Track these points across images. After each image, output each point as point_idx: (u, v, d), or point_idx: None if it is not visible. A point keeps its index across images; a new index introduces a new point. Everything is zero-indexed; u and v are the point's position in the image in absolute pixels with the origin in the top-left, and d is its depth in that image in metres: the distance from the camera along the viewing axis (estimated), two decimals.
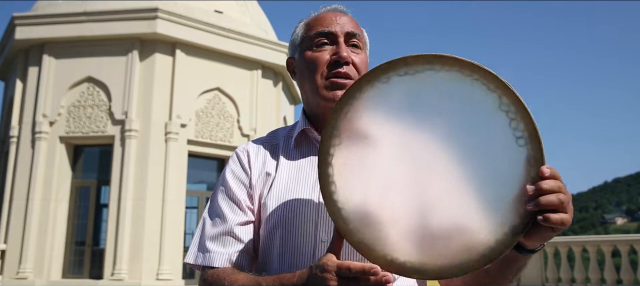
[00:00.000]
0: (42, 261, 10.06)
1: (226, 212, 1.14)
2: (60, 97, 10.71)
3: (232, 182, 1.17)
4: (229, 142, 11.44)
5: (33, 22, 10.92)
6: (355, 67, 1.14)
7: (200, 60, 11.32)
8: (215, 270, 1.09)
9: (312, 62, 1.15)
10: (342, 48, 1.13)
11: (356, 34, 1.17)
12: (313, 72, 1.15)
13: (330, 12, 1.19)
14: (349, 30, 1.16)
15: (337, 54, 1.13)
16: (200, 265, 1.12)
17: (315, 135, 1.18)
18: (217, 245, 1.11)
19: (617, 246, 8.41)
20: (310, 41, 1.17)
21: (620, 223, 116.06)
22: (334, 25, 1.16)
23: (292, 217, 1.09)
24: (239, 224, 1.13)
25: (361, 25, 1.24)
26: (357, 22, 1.22)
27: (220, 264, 1.09)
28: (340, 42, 1.15)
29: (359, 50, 1.17)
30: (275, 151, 1.21)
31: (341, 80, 1.12)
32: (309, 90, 1.18)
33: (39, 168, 10.38)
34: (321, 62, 1.14)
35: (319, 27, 1.17)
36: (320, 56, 1.15)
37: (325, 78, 1.14)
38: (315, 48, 1.16)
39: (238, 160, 1.21)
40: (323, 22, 1.17)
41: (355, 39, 1.17)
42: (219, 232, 1.12)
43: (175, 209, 10.51)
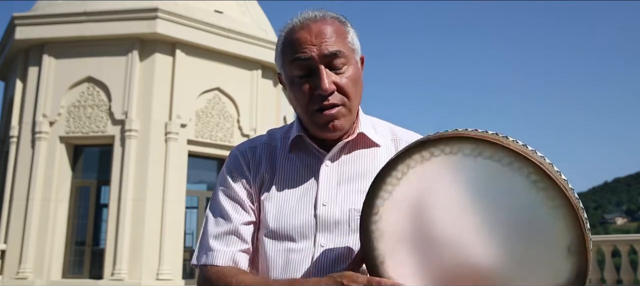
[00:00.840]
0: (42, 261, 10.06)
1: (230, 212, 1.13)
2: (60, 97, 10.72)
3: (233, 182, 1.16)
4: (229, 142, 11.44)
5: (33, 22, 10.92)
6: (341, 90, 1.08)
7: (200, 60, 11.32)
8: (218, 267, 1.08)
9: (296, 99, 1.11)
10: (322, 80, 1.05)
11: (337, 53, 1.06)
12: (301, 107, 1.11)
13: (305, 28, 1.08)
14: (326, 53, 1.06)
15: (318, 87, 1.06)
16: (203, 264, 1.10)
17: (310, 142, 1.16)
18: (221, 244, 1.10)
19: (617, 246, 8.41)
20: (290, 72, 1.10)
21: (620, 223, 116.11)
22: (309, 49, 1.06)
23: (290, 220, 1.09)
24: (243, 224, 1.12)
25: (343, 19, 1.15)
26: (339, 25, 1.11)
27: (224, 262, 1.08)
28: (321, 72, 1.06)
29: (344, 68, 1.08)
30: (273, 153, 1.20)
31: (329, 112, 1.07)
32: (301, 114, 1.14)
33: (39, 168, 10.39)
34: (304, 96, 1.08)
35: (296, 52, 1.08)
36: (301, 94, 1.09)
37: (312, 114, 1.09)
38: (296, 84, 1.09)
39: (237, 161, 1.20)
40: (299, 47, 1.07)
41: (337, 60, 1.07)
42: (223, 231, 1.11)
43: (175, 209, 10.51)
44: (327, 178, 1.12)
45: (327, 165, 1.13)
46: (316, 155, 1.15)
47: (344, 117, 1.09)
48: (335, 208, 1.08)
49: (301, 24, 1.10)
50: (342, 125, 1.09)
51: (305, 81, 1.08)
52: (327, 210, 1.08)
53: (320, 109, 1.07)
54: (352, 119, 1.12)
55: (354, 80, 1.10)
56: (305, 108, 1.09)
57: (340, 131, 1.10)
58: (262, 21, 13.44)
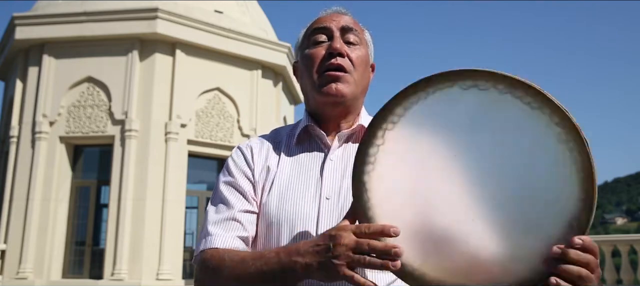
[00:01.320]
0: (42, 261, 10.06)
1: (231, 200, 1.13)
2: (60, 97, 10.71)
3: (236, 174, 1.17)
4: (229, 142, 11.44)
5: (33, 22, 10.92)
6: (350, 60, 1.15)
7: (200, 60, 11.32)
8: (215, 249, 1.06)
9: (309, 58, 1.17)
10: (335, 41, 1.15)
11: (353, 30, 1.18)
12: (310, 68, 1.16)
13: (330, 13, 1.22)
14: (344, 25, 1.17)
15: (330, 47, 1.14)
16: (202, 250, 1.09)
17: (318, 132, 1.18)
18: (220, 229, 1.09)
19: (617, 246, 8.41)
20: (308, 40, 1.20)
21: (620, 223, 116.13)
22: (329, 21, 1.18)
23: (292, 213, 1.09)
24: (243, 211, 1.12)
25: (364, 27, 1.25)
26: (358, 23, 1.22)
27: (221, 245, 1.07)
28: (335, 36, 1.16)
29: (356, 47, 1.17)
30: (278, 147, 1.21)
31: (334, 72, 1.13)
32: (308, 86, 1.19)
33: (39, 168, 10.39)
34: (317, 57, 1.16)
35: (315, 24, 1.20)
36: (316, 52, 1.16)
37: (319, 73, 1.15)
38: (313, 45, 1.18)
39: (242, 154, 1.21)
40: (320, 21, 1.20)
41: (352, 35, 1.17)
42: (223, 218, 1.11)
43: (175, 209, 10.51)
44: (331, 172, 1.13)
45: (331, 159, 1.14)
46: (321, 148, 1.17)
47: (347, 83, 1.14)
48: (338, 201, 1.09)
49: (326, 13, 1.22)
50: (343, 90, 1.13)
51: (321, 46, 1.17)
52: (331, 203, 1.09)
53: (329, 68, 1.13)
54: (354, 93, 1.16)
55: (363, 60, 1.18)
56: (315, 69, 1.16)
57: (341, 96, 1.13)
58: (262, 21, 13.44)
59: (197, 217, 11.63)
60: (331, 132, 1.19)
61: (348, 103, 1.16)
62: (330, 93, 1.13)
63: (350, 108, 1.18)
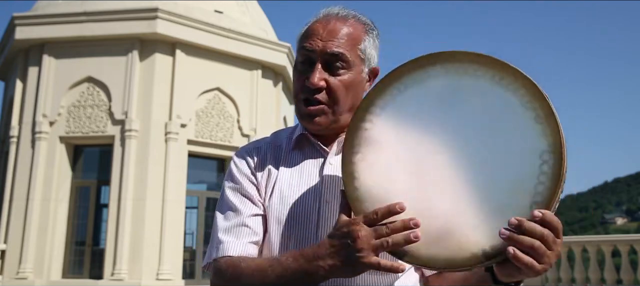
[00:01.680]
0: (42, 261, 10.06)
1: (238, 205, 1.14)
2: (60, 97, 10.71)
3: (240, 179, 1.17)
4: (229, 142, 11.44)
5: (33, 22, 10.92)
6: (330, 91, 1.10)
7: (200, 60, 11.32)
8: (229, 257, 1.08)
9: (294, 85, 1.17)
10: (313, 74, 1.09)
11: (338, 55, 1.09)
12: (294, 94, 1.17)
13: (323, 21, 1.13)
14: (328, 51, 1.09)
15: (307, 80, 1.10)
16: (214, 258, 1.10)
17: (314, 140, 1.18)
18: (231, 236, 1.10)
19: (617, 246, 8.40)
20: (298, 53, 1.16)
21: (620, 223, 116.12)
22: (315, 42, 1.10)
23: (293, 216, 1.10)
24: (252, 215, 1.13)
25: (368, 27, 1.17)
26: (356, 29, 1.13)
27: (235, 252, 1.08)
28: (315, 67, 1.09)
29: (341, 71, 1.10)
30: (278, 152, 1.21)
31: (310, 107, 1.11)
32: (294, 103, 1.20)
33: (39, 168, 10.39)
34: (298, 84, 1.14)
35: (304, 39, 1.13)
36: (297, 80, 1.15)
37: (298, 101, 1.14)
38: (296, 70, 1.16)
39: (243, 159, 1.21)
40: (309, 37, 1.12)
41: (336, 61, 1.09)
42: (232, 224, 1.12)
43: (175, 209, 10.51)
44: (330, 176, 1.13)
45: (330, 163, 1.14)
46: (320, 152, 1.17)
47: (324, 115, 1.12)
48: (337, 205, 1.08)
49: (322, 17, 1.15)
50: (320, 122, 1.12)
51: (303, 70, 1.13)
52: (330, 207, 1.09)
53: (306, 101, 1.12)
54: (335, 120, 1.13)
55: (347, 85, 1.12)
56: (295, 96, 1.15)
57: (319, 126, 1.13)
58: (262, 21, 13.44)
59: (197, 217, 11.62)
60: (330, 138, 1.18)
61: (328, 129, 1.15)
62: (308, 125, 1.14)
63: (336, 128, 1.16)
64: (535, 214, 0.81)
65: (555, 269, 9.00)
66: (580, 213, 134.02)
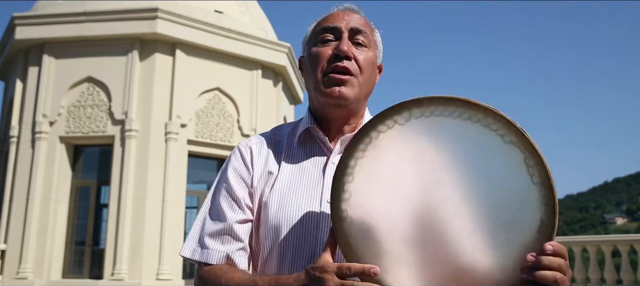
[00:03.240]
0: (42, 261, 10.06)
1: (226, 210, 1.14)
2: (60, 97, 10.71)
3: (233, 179, 1.17)
4: (229, 142, 11.44)
5: (33, 22, 10.92)
6: (357, 62, 1.12)
7: (200, 60, 11.32)
8: (211, 266, 1.10)
9: (315, 56, 1.15)
10: (343, 42, 1.12)
11: (362, 31, 1.15)
12: (315, 67, 1.14)
13: (341, 11, 1.19)
14: (353, 26, 1.14)
15: (337, 48, 1.12)
16: (197, 261, 1.13)
17: (320, 135, 1.17)
18: (216, 243, 1.12)
19: (617, 246, 8.40)
20: (316, 37, 1.17)
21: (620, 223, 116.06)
22: (339, 21, 1.15)
23: (293, 217, 1.09)
24: (238, 222, 1.13)
25: (376, 27, 1.22)
26: (369, 22, 1.20)
27: (217, 261, 1.10)
28: (343, 37, 1.13)
29: (364, 49, 1.15)
30: (278, 149, 1.20)
31: (339, 75, 1.11)
32: (311, 85, 1.17)
33: (39, 168, 10.39)
34: (323, 57, 1.13)
35: (325, 23, 1.17)
36: (322, 51, 1.14)
37: (324, 73, 1.13)
38: (320, 44, 1.16)
39: (241, 157, 1.20)
40: (330, 19, 1.17)
41: (361, 36, 1.15)
42: (218, 230, 1.13)
43: (175, 209, 10.51)
44: (332, 176, 1.12)
45: (333, 163, 1.13)
46: (323, 151, 1.16)
47: (351, 87, 1.12)
48: None
49: (338, 8, 1.20)
50: (347, 94, 1.11)
51: (328, 45, 1.14)
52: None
53: (334, 70, 1.11)
54: (358, 96, 1.14)
55: (370, 63, 1.15)
56: (320, 69, 1.13)
57: (344, 100, 1.12)
58: (262, 21, 13.44)
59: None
60: (333, 133, 1.18)
61: (351, 106, 1.14)
62: (333, 95, 1.11)
63: (353, 110, 1.17)
64: (547, 248, 0.85)
65: None
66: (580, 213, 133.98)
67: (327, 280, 0.89)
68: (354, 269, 0.89)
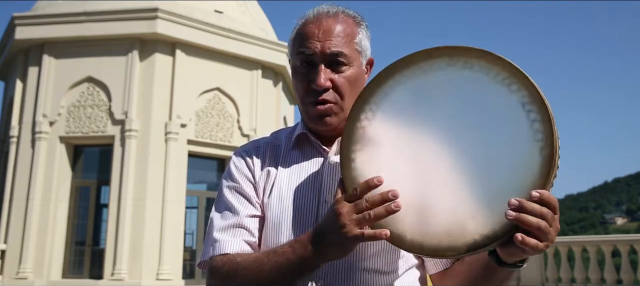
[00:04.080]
0: (42, 261, 10.06)
1: (236, 205, 1.14)
2: (60, 97, 10.71)
3: (239, 178, 1.17)
4: (229, 142, 11.44)
5: (33, 22, 10.92)
6: (337, 88, 1.11)
7: (200, 60, 11.32)
8: (226, 255, 1.08)
9: (297, 89, 1.16)
10: (318, 76, 1.09)
11: (338, 54, 1.10)
12: (299, 98, 1.16)
13: (315, 23, 1.12)
14: (328, 52, 1.09)
15: (314, 82, 1.10)
16: (211, 256, 1.11)
17: (314, 140, 1.18)
18: (227, 235, 1.11)
19: (617, 246, 8.41)
20: (295, 62, 1.15)
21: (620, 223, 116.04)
22: (313, 45, 1.10)
23: (292, 215, 1.10)
24: (249, 216, 1.13)
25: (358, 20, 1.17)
26: (349, 24, 1.14)
27: (231, 250, 1.09)
28: (319, 68, 1.09)
29: (344, 68, 1.11)
30: (277, 151, 1.22)
31: (320, 107, 1.11)
32: (299, 105, 1.19)
33: (39, 168, 10.38)
34: (302, 91, 1.14)
35: (301, 44, 1.12)
36: (300, 86, 1.14)
37: (307, 105, 1.13)
38: (298, 74, 1.14)
39: (242, 158, 1.21)
40: (305, 41, 1.11)
41: (338, 59, 1.10)
42: (229, 224, 1.12)
43: (175, 209, 10.50)
44: (330, 175, 1.13)
45: (330, 163, 1.14)
46: (320, 151, 1.17)
47: (335, 114, 1.13)
48: None
49: (314, 18, 1.14)
50: (331, 121, 1.13)
51: (306, 74, 1.12)
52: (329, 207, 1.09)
53: (314, 103, 1.12)
54: (343, 117, 1.13)
55: (352, 80, 1.13)
56: (302, 100, 1.15)
57: (330, 126, 1.13)
58: (262, 21, 13.44)
59: (197, 217, 11.62)
60: (327, 138, 1.18)
61: (340, 126, 1.13)
62: (317, 124, 1.14)
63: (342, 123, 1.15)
64: (533, 195, 0.84)
65: (555, 269, 9.00)
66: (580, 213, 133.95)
67: (341, 207, 0.92)
68: (360, 187, 0.93)
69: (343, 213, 0.91)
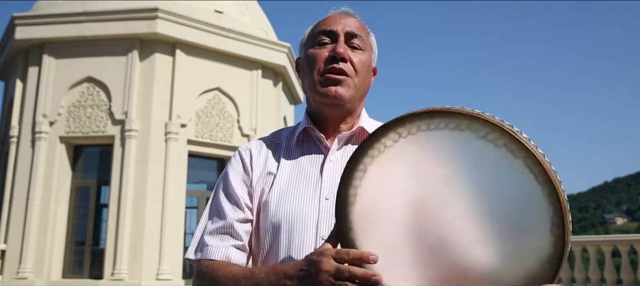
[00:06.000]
0: (42, 261, 10.06)
1: (226, 209, 1.16)
2: (60, 97, 10.72)
3: (233, 180, 1.19)
4: (229, 142, 11.44)
5: (33, 22, 10.92)
6: (353, 65, 1.15)
7: (200, 60, 11.32)
8: (211, 261, 1.11)
9: (312, 58, 1.18)
10: (339, 45, 1.15)
11: (357, 35, 1.18)
12: (312, 67, 1.17)
13: (337, 14, 1.22)
14: (349, 30, 1.17)
15: (334, 51, 1.15)
16: (198, 259, 1.14)
17: (317, 134, 1.19)
18: (215, 240, 1.13)
19: (617, 246, 8.41)
20: (313, 39, 1.21)
21: (620, 223, 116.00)
22: (336, 24, 1.18)
23: (293, 215, 1.10)
24: (238, 221, 1.14)
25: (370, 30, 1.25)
26: (364, 26, 1.23)
27: (217, 257, 1.11)
28: (340, 40, 1.16)
29: (359, 52, 1.18)
30: (278, 150, 1.22)
31: (335, 76, 1.14)
32: (308, 86, 1.20)
33: (39, 168, 10.39)
34: (319, 59, 1.16)
35: (322, 26, 1.20)
36: (319, 53, 1.17)
37: (321, 74, 1.16)
38: (317, 46, 1.19)
39: (240, 159, 1.22)
40: (327, 22, 1.20)
41: (356, 40, 1.18)
42: (218, 228, 1.14)
43: (175, 209, 10.51)
44: (330, 173, 1.14)
45: (330, 160, 1.16)
46: (320, 149, 1.18)
47: (347, 87, 1.15)
48: None
49: (335, 11, 1.23)
50: (343, 94, 1.14)
51: (325, 47, 1.18)
52: (330, 204, 1.09)
53: (330, 71, 1.14)
54: (353, 97, 1.17)
55: (365, 65, 1.19)
56: (316, 70, 1.17)
57: (339, 99, 1.14)
58: (262, 21, 13.45)
59: (197, 217, 11.63)
60: (331, 133, 1.20)
61: (346, 106, 1.17)
62: (329, 95, 1.14)
63: (349, 110, 1.20)
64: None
65: None
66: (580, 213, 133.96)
67: (323, 263, 0.87)
68: (352, 254, 0.88)
69: (323, 271, 0.87)
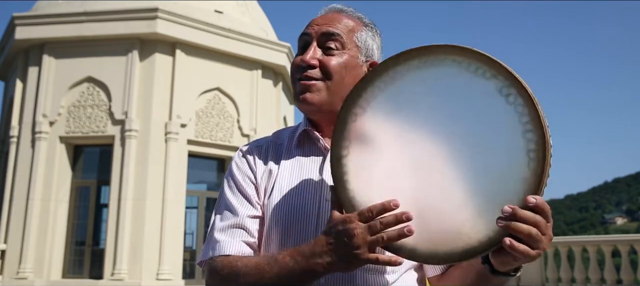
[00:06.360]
0: (42, 261, 10.06)
1: (236, 206, 1.14)
2: (60, 97, 10.71)
3: (239, 178, 1.18)
4: (229, 142, 11.44)
5: (33, 22, 10.92)
6: (324, 67, 1.12)
7: (200, 60, 11.32)
8: (226, 256, 1.08)
9: (292, 66, 1.19)
10: (306, 52, 1.14)
11: (334, 35, 1.14)
12: (293, 76, 1.18)
13: (320, 15, 1.20)
14: (325, 31, 1.14)
15: (300, 58, 1.15)
16: (211, 258, 1.11)
17: (316, 135, 1.18)
18: (227, 236, 1.11)
19: (617, 246, 8.41)
20: (298, 44, 1.21)
21: (620, 223, 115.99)
22: (312, 27, 1.17)
23: (293, 214, 1.10)
24: (249, 217, 1.13)
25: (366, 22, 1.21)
26: (355, 21, 1.19)
27: (232, 252, 1.08)
28: (311, 45, 1.14)
29: (335, 52, 1.14)
30: (279, 150, 1.22)
31: (303, 82, 1.13)
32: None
33: (39, 168, 10.38)
34: (293, 68, 1.17)
35: (303, 30, 1.19)
36: (294, 61, 1.18)
37: (294, 82, 1.16)
38: (299, 51, 1.19)
39: (244, 158, 1.22)
40: (308, 26, 1.19)
41: (331, 42, 1.14)
42: (229, 225, 1.12)
43: (175, 209, 10.50)
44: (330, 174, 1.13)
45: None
46: (320, 150, 1.18)
47: (317, 91, 1.13)
48: None
49: (324, 10, 1.21)
50: (312, 99, 1.13)
51: (300, 53, 1.17)
52: (330, 205, 1.08)
53: (299, 79, 1.14)
54: (328, 100, 1.14)
55: (343, 66, 1.14)
56: (292, 76, 1.18)
57: (311, 105, 1.13)
58: (262, 21, 13.44)
59: (197, 217, 11.63)
60: (328, 133, 1.18)
61: (323, 109, 1.14)
62: (300, 101, 1.14)
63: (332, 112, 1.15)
64: (529, 200, 0.82)
65: (556, 269, 9.00)
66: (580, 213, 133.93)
67: (352, 227, 0.89)
68: (376, 209, 0.89)
69: (357, 235, 0.88)
